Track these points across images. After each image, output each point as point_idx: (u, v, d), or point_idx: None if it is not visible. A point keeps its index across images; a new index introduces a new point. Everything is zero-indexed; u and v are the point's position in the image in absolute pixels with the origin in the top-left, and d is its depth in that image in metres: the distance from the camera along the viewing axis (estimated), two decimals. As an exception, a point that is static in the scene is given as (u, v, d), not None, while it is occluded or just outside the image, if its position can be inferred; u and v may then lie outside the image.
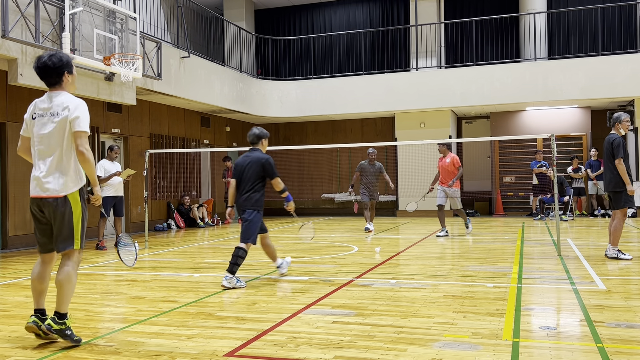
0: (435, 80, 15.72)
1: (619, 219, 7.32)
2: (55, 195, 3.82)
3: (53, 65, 3.89)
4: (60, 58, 3.93)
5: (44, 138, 3.86)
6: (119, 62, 9.65)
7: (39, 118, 3.90)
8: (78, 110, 3.83)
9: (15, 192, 10.09)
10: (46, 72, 3.91)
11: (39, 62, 3.92)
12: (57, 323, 3.84)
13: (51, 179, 3.83)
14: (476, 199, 17.38)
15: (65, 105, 3.86)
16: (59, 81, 3.95)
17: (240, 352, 3.71)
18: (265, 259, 8.13)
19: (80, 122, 3.82)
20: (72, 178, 3.87)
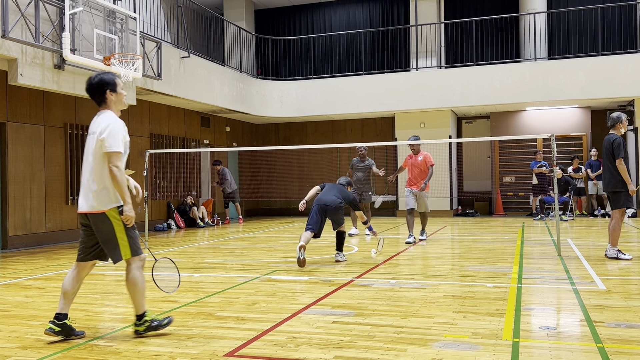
0: (435, 80, 15.71)
1: (617, 219, 7.33)
2: (94, 211, 4.00)
3: (96, 84, 4.09)
4: (102, 78, 4.11)
5: (86, 155, 4.08)
6: (119, 62, 9.65)
7: (88, 136, 4.14)
8: (108, 131, 3.96)
9: (15, 192, 10.09)
10: (90, 92, 4.13)
11: (87, 84, 4.15)
12: (140, 324, 4.08)
13: (90, 196, 4.01)
14: (476, 199, 17.38)
15: (99, 124, 4.02)
16: (103, 99, 4.12)
17: (240, 352, 3.71)
18: (265, 259, 8.13)
19: (109, 143, 3.94)
20: (106, 195, 4.00)
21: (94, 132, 4.02)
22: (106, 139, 3.94)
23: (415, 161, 9.91)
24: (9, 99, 10.01)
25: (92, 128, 4.09)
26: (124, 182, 3.97)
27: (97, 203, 3.99)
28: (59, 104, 11.02)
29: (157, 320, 4.13)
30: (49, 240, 10.72)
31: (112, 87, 4.12)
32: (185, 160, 14.95)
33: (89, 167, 4.02)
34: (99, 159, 3.99)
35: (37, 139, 10.57)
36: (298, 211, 9.15)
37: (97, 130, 4.01)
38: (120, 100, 4.17)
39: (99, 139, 3.96)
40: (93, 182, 3.99)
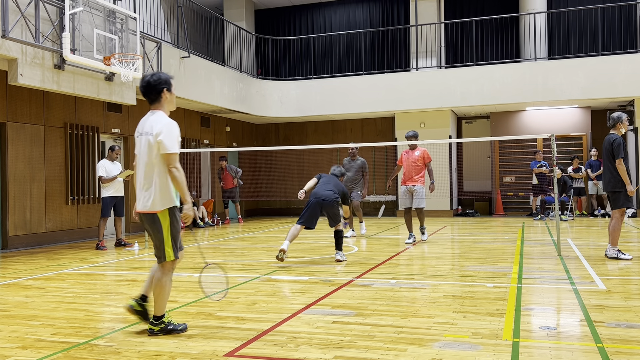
0: (435, 80, 15.71)
1: (617, 219, 7.33)
2: (147, 211, 4.05)
3: (154, 82, 4.11)
4: (160, 76, 4.15)
5: (140, 155, 4.10)
6: (119, 62, 9.65)
7: (138, 136, 4.13)
8: (165, 132, 3.97)
9: (15, 192, 10.09)
10: (147, 89, 4.13)
11: (142, 80, 4.16)
12: (156, 325, 4.11)
13: (144, 196, 4.07)
14: (476, 199, 17.37)
15: (154, 125, 4.03)
16: (158, 98, 4.14)
17: (240, 352, 3.71)
18: (265, 259, 8.14)
19: (167, 144, 3.95)
20: (158, 196, 4.03)
21: (148, 133, 4.02)
22: (164, 141, 3.95)
23: (411, 156, 9.75)
24: (9, 99, 10.01)
25: (143, 128, 4.09)
26: (184, 182, 4.00)
27: (150, 203, 4.02)
28: (59, 104, 11.02)
29: (173, 324, 4.17)
30: (49, 240, 10.71)
31: (169, 86, 4.15)
32: (185, 161, 14.94)
33: (145, 168, 4.05)
34: (153, 160, 4.00)
35: (37, 139, 10.57)
36: (298, 211, 9.16)
37: (152, 131, 4.01)
38: (172, 100, 4.22)
39: (156, 140, 3.96)
40: (146, 182, 4.04)
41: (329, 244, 9.96)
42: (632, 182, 7.49)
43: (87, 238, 11.44)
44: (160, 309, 4.12)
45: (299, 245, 9.76)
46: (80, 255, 9.02)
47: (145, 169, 4.04)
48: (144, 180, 4.05)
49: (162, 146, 3.95)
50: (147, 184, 4.03)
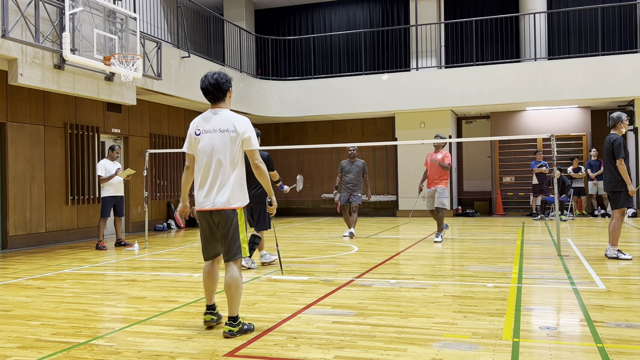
0: (435, 80, 15.71)
1: (617, 218, 7.33)
2: (224, 207, 4.01)
3: (222, 80, 4.12)
4: (226, 75, 4.18)
5: (213, 153, 4.03)
6: (119, 62, 9.65)
7: (207, 134, 4.07)
8: (250, 130, 4.06)
9: (15, 192, 10.09)
10: (216, 88, 4.10)
11: (210, 79, 4.12)
12: (235, 326, 4.07)
13: (220, 193, 4.01)
14: (476, 199, 17.37)
15: (235, 123, 4.05)
16: (223, 97, 4.15)
17: (240, 352, 3.71)
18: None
19: (253, 141, 4.05)
20: (238, 192, 4.06)
21: (229, 130, 4.02)
22: (251, 138, 4.03)
23: (435, 158, 9.88)
24: (9, 99, 10.01)
25: (216, 125, 4.05)
26: (269, 176, 4.13)
27: (227, 200, 4.00)
28: (59, 104, 11.02)
29: (247, 325, 4.15)
30: (49, 240, 10.71)
31: (231, 86, 4.20)
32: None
33: (223, 165, 4.00)
34: (234, 157, 4.02)
35: (37, 139, 10.57)
36: (298, 211, 9.21)
37: (234, 129, 4.02)
38: (231, 100, 4.25)
39: (243, 137, 4.01)
40: (230, 180, 4.00)
41: (329, 244, 9.96)
42: (633, 182, 7.49)
43: (87, 238, 11.44)
44: (236, 309, 4.08)
45: (299, 245, 9.76)
46: (80, 255, 9.02)
47: (222, 168, 4.00)
48: (218, 177, 4.00)
49: (248, 143, 4.03)
50: (222, 181, 4.00)
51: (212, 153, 4.03)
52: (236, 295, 4.05)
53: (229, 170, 4.02)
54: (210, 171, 4.04)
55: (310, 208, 18.15)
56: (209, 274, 4.23)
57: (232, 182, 4.02)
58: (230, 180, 4.01)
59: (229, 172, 4.02)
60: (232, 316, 4.06)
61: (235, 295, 4.05)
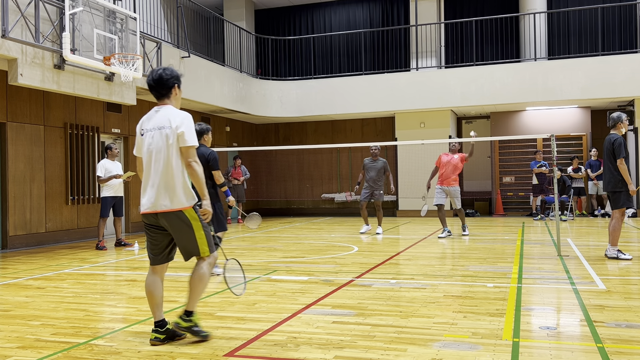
0: (435, 80, 15.71)
1: (617, 218, 7.33)
2: (172, 209, 3.84)
3: (167, 76, 3.95)
4: (172, 71, 4.01)
5: (155, 152, 3.87)
6: (119, 62, 9.65)
7: (148, 132, 3.92)
8: (185, 124, 3.84)
9: (15, 192, 10.09)
10: (159, 84, 3.95)
11: (153, 74, 3.97)
12: (186, 321, 3.94)
13: (168, 193, 3.84)
14: (476, 199, 17.37)
15: (171, 118, 3.87)
16: (168, 94, 3.99)
17: (240, 352, 3.71)
18: (265, 259, 8.14)
19: (188, 137, 3.83)
20: (182, 192, 3.86)
21: (165, 127, 3.85)
22: (185, 133, 3.82)
23: (451, 159, 10.52)
24: (9, 99, 10.01)
25: (156, 123, 3.90)
26: (203, 177, 3.88)
27: (173, 202, 3.83)
28: (59, 104, 11.02)
29: (199, 327, 3.99)
30: (49, 240, 10.71)
31: (179, 82, 4.05)
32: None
33: (163, 163, 3.83)
34: (175, 154, 3.84)
35: (37, 139, 10.57)
36: (298, 211, 9.21)
37: (170, 124, 3.84)
38: (179, 98, 4.09)
39: (176, 133, 3.81)
40: (170, 179, 3.83)
41: (329, 243, 9.96)
42: (633, 182, 7.49)
43: (87, 238, 11.44)
44: (194, 304, 3.99)
45: (299, 245, 9.76)
46: (80, 255, 9.02)
47: (162, 166, 3.83)
48: (161, 177, 3.83)
49: (182, 139, 3.82)
50: (166, 182, 3.82)
51: (152, 153, 3.87)
52: (197, 290, 3.96)
53: (171, 170, 3.82)
54: (152, 172, 3.87)
55: (310, 208, 18.15)
56: (151, 283, 4.02)
57: (175, 182, 3.82)
58: (173, 181, 3.82)
59: (171, 172, 3.83)
60: (187, 310, 3.99)
61: (197, 290, 3.96)
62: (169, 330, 3.96)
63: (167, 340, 3.94)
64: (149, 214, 3.91)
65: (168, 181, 3.83)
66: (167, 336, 3.95)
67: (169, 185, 3.83)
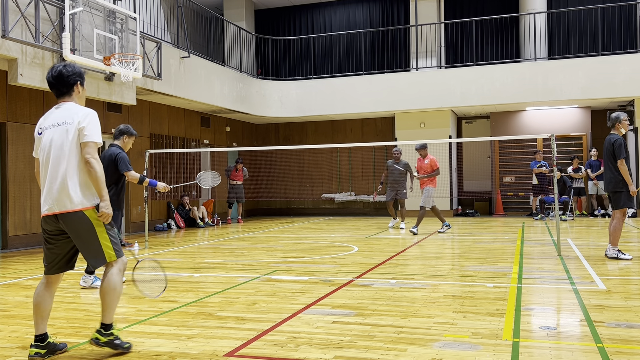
0: (435, 80, 15.71)
1: (618, 219, 7.32)
2: (71, 210, 3.56)
3: (67, 73, 3.75)
4: (74, 67, 3.81)
5: (53, 150, 3.61)
6: (119, 62, 9.65)
7: (47, 131, 3.68)
8: (88, 120, 3.62)
9: (15, 192, 10.09)
10: (59, 81, 3.76)
11: (53, 71, 3.79)
12: (105, 335, 3.66)
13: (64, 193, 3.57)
14: (476, 199, 17.37)
15: (73, 114, 3.65)
16: (69, 91, 3.77)
17: (240, 352, 3.71)
18: (265, 259, 8.14)
19: (89, 132, 3.59)
20: (83, 191, 3.61)
21: (66, 123, 3.61)
22: (86, 127, 3.57)
23: (422, 164, 11.10)
24: (9, 99, 10.01)
25: (55, 120, 3.67)
26: (102, 176, 3.59)
27: (74, 202, 3.55)
28: (59, 104, 11.01)
29: (120, 340, 3.70)
30: (49, 240, 10.70)
31: (82, 80, 3.82)
32: (185, 161, 14.95)
33: (64, 160, 3.57)
34: (76, 151, 3.59)
35: (37, 139, 10.56)
36: (298, 211, 9.21)
37: (71, 120, 3.60)
38: (84, 97, 3.87)
39: (78, 128, 3.57)
40: (69, 177, 3.56)
41: (329, 243, 9.96)
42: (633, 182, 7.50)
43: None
44: (111, 316, 3.68)
45: (299, 245, 9.76)
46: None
47: (61, 164, 3.57)
48: (60, 176, 3.56)
49: (82, 134, 3.57)
50: (65, 180, 3.55)
51: (51, 150, 3.61)
52: (108, 300, 3.65)
53: (71, 168, 3.57)
54: (51, 171, 3.60)
55: (310, 208, 18.15)
56: (41, 293, 3.67)
57: (75, 181, 3.57)
58: (73, 179, 3.57)
59: (71, 170, 3.57)
60: (104, 323, 3.68)
61: (109, 301, 3.65)
62: (49, 345, 3.65)
63: (47, 354, 3.63)
64: (49, 218, 3.61)
65: (67, 180, 3.57)
66: (48, 350, 3.63)
67: (69, 184, 3.56)
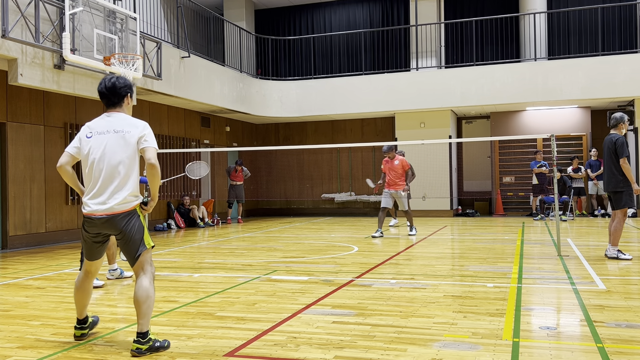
0: (435, 80, 15.72)
1: (619, 219, 7.32)
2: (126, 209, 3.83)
3: (120, 85, 4.01)
4: (125, 80, 4.07)
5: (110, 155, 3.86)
6: (119, 62, 9.65)
7: (99, 136, 3.92)
8: (146, 130, 3.91)
9: (15, 192, 10.09)
10: (112, 92, 4.00)
11: (106, 82, 4.02)
12: (144, 343, 3.70)
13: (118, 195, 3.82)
14: (476, 199, 17.37)
15: (131, 125, 3.91)
16: (120, 102, 4.03)
17: (240, 352, 3.71)
18: (265, 259, 8.14)
19: (150, 139, 3.89)
20: (134, 192, 3.90)
21: (123, 131, 3.87)
22: (146, 136, 3.87)
23: (392, 165, 10.88)
24: (9, 99, 10.01)
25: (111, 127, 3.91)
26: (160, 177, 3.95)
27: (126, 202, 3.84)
28: (59, 104, 11.02)
29: (159, 341, 3.79)
30: (49, 240, 10.71)
31: (132, 92, 4.12)
32: (185, 161, 14.94)
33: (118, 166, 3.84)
34: (133, 158, 3.88)
35: (37, 139, 10.57)
36: (298, 211, 9.21)
37: (128, 129, 3.87)
38: (131, 108, 4.16)
39: (138, 136, 3.85)
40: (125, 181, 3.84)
41: (329, 243, 9.96)
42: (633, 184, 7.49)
43: (87, 238, 11.42)
44: (147, 324, 3.74)
45: (299, 245, 9.77)
46: (80, 255, 9.01)
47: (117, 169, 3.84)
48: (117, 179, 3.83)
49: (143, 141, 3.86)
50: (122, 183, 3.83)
51: (104, 155, 3.87)
52: (144, 309, 3.73)
53: (128, 172, 3.85)
54: (105, 174, 3.86)
55: (310, 208, 18.15)
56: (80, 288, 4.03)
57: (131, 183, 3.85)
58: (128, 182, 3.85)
59: (128, 174, 3.85)
60: (140, 332, 3.71)
61: (143, 309, 3.73)
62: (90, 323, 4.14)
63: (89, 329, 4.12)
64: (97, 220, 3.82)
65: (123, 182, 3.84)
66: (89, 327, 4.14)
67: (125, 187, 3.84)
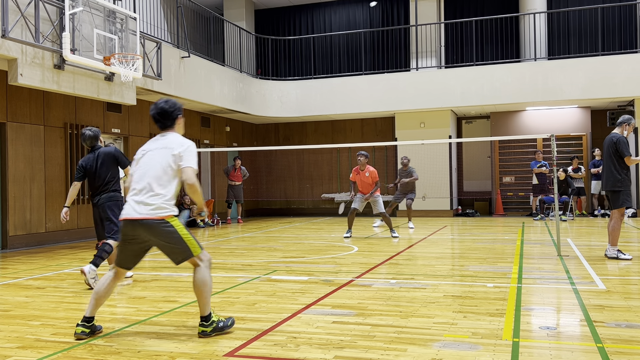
0: (435, 80, 15.72)
1: (616, 218, 7.32)
2: (161, 216, 3.99)
3: (170, 109, 4.17)
4: (175, 103, 4.23)
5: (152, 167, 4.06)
6: (119, 62, 9.65)
7: (150, 152, 4.15)
8: (184, 148, 4.07)
9: (15, 192, 10.09)
10: (164, 116, 4.18)
11: (157, 108, 4.19)
12: (208, 325, 4.06)
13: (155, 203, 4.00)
14: (476, 199, 17.37)
15: (175, 142, 4.11)
16: (172, 124, 4.22)
17: (240, 352, 3.71)
18: (265, 259, 8.14)
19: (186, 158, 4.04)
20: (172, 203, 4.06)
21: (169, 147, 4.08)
22: (184, 156, 4.04)
23: (363, 177, 10.84)
24: (9, 99, 10.01)
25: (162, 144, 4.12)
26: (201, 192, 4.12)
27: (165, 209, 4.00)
28: (59, 104, 11.02)
29: (222, 321, 4.14)
30: (49, 240, 10.71)
31: (182, 112, 4.28)
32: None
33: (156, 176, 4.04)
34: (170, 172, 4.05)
35: (37, 139, 10.57)
36: (298, 212, 9.20)
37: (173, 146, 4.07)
38: (183, 125, 4.31)
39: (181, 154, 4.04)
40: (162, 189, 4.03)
41: (329, 243, 9.96)
42: (632, 183, 7.50)
43: (87, 238, 11.43)
44: (207, 308, 4.08)
45: (299, 245, 9.76)
46: (80, 255, 9.02)
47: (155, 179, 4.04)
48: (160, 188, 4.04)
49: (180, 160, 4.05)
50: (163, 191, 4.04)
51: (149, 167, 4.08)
52: (205, 294, 4.05)
53: (162, 183, 4.03)
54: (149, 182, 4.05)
55: (310, 208, 18.15)
56: (106, 284, 4.16)
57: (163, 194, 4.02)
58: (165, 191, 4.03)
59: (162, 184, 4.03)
60: (203, 315, 4.07)
61: (204, 294, 4.05)
62: (93, 326, 4.15)
63: (90, 334, 4.11)
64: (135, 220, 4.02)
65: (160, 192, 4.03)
66: (91, 330, 4.14)
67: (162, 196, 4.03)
